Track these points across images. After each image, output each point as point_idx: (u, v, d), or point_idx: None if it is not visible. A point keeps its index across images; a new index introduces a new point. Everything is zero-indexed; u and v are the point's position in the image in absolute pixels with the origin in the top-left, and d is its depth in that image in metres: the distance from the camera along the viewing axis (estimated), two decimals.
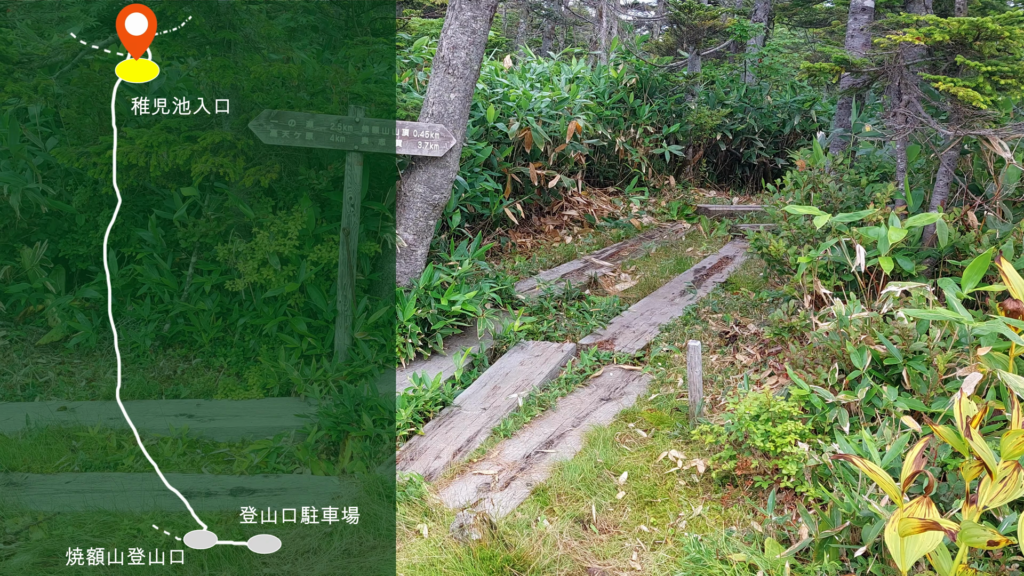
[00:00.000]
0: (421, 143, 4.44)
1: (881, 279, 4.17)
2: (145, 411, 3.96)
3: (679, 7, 9.29)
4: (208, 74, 4.16)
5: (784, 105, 9.83)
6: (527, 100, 7.03)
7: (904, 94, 4.31)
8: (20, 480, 3.27)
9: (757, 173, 10.04)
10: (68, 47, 4.50)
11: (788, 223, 4.72)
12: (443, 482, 3.41)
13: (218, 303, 4.60)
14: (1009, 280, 2.64)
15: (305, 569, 2.82)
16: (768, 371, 4.21)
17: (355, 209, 4.33)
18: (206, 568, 2.76)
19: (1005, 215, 4.24)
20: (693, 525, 3.08)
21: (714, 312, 5.41)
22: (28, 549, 2.78)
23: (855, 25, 5.57)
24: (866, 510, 2.58)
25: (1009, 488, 2.07)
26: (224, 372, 4.49)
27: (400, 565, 2.79)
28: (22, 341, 4.65)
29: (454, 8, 4.48)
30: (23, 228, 4.86)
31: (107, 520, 2.96)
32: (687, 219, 8.68)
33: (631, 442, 3.75)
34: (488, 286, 5.04)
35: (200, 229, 4.52)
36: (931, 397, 3.19)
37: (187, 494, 3.23)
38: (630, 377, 4.53)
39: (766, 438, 3.19)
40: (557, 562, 2.79)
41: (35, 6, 7.20)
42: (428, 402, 4.03)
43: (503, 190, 6.82)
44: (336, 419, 3.82)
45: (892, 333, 3.42)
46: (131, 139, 4.17)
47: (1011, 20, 3.79)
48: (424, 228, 4.74)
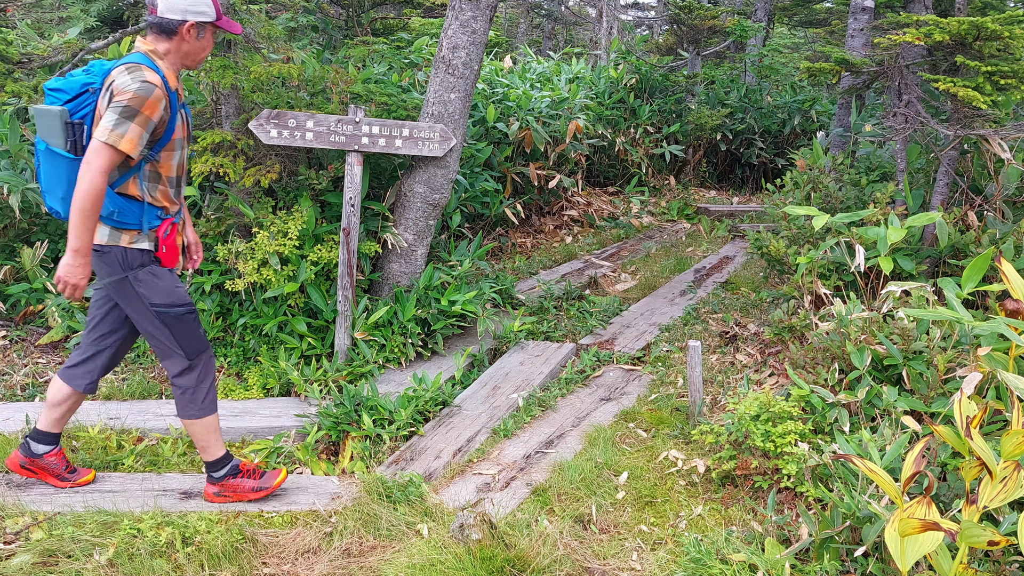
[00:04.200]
0: (421, 143, 4.44)
1: (881, 279, 4.17)
2: (145, 411, 3.96)
3: (679, 7, 9.29)
4: (208, 74, 4.16)
5: (784, 105, 9.83)
6: (527, 100, 7.03)
7: (904, 94, 4.31)
8: (20, 480, 3.27)
9: (757, 173, 10.04)
10: (68, 47, 4.50)
11: (788, 223, 4.73)
12: (443, 482, 3.41)
13: (218, 303, 4.60)
14: (1009, 280, 2.65)
15: (305, 569, 2.82)
16: (768, 371, 4.21)
17: (355, 209, 4.33)
18: (206, 568, 2.77)
19: (1005, 215, 4.24)
20: (693, 525, 3.08)
21: (714, 312, 5.41)
22: (28, 549, 2.78)
23: (855, 25, 5.57)
24: (866, 510, 2.58)
25: (1009, 488, 2.07)
26: (224, 372, 4.49)
27: (400, 565, 2.79)
28: (22, 341, 4.65)
29: (454, 8, 4.48)
30: (23, 228, 4.87)
31: (107, 520, 2.96)
32: (687, 219, 8.68)
33: (631, 442, 3.75)
34: (488, 286, 5.04)
35: (200, 229, 4.52)
36: (931, 397, 3.19)
37: (187, 494, 3.23)
38: (630, 377, 4.53)
39: (766, 438, 3.19)
40: (557, 562, 2.79)
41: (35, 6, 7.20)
42: (428, 402, 4.03)
43: (503, 190, 6.82)
44: (336, 419, 3.82)
45: (892, 333, 3.42)
46: None
47: (1011, 20, 3.79)
48: (424, 228, 4.74)
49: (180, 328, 2.98)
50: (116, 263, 2.87)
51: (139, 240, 2.90)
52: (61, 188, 2.82)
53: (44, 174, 2.85)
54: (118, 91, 2.67)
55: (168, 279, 2.97)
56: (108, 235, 2.86)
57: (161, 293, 2.94)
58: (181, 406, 3.07)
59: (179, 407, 3.07)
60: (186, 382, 3.04)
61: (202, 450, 3.14)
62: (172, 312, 2.96)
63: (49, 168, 2.82)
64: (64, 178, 2.80)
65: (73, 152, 2.77)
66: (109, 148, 2.65)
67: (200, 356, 3.05)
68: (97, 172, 2.65)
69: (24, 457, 3.17)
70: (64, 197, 2.82)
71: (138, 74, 2.71)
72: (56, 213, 2.90)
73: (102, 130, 2.65)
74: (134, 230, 2.89)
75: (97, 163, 2.65)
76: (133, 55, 2.81)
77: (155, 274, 2.93)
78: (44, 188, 2.87)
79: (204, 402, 3.07)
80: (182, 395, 3.05)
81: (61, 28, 6.69)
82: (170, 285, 2.97)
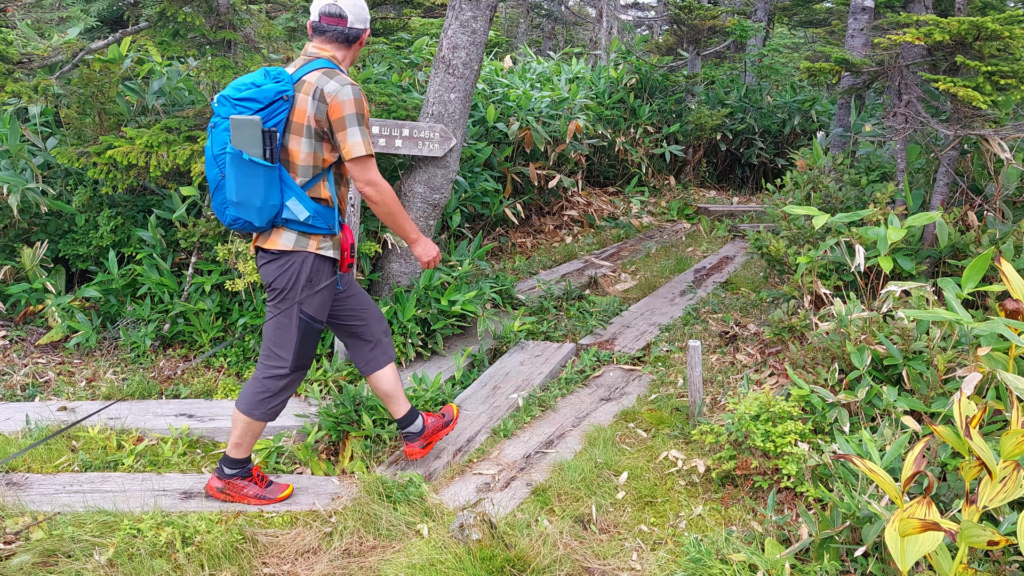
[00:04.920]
0: (421, 143, 4.44)
1: (881, 279, 4.17)
2: (145, 411, 3.96)
3: (679, 7, 9.29)
4: (208, 74, 4.16)
5: (784, 105, 9.83)
6: (527, 100, 7.03)
7: (904, 94, 4.31)
8: (20, 480, 3.27)
9: (757, 173, 10.04)
10: (68, 47, 4.50)
11: (788, 223, 4.73)
12: (443, 482, 3.41)
13: (218, 303, 4.60)
14: (1009, 280, 2.64)
15: (305, 569, 2.82)
16: (768, 371, 4.21)
17: (355, 209, 4.33)
18: (206, 568, 2.77)
19: (1005, 215, 4.24)
20: (693, 525, 3.08)
21: (714, 312, 5.41)
22: (28, 549, 2.78)
23: (855, 25, 5.57)
24: (866, 510, 2.58)
25: (1009, 488, 2.07)
26: (224, 372, 4.49)
27: (400, 565, 2.79)
28: (22, 341, 4.65)
29: (454, 8, 4.48)
30: (23, 228, 4.87)
31: (107, 520, 2.96)
32: (687, 219, 8.68)
33: (631, 442, 3.75)
34: (488, 286, 5.04)
35: (200, 229, 4.52)
36: (931, 397, 3.19)
37: (187, 494, 3.23)
38: (630, 377, 4.53)
39: (766, 438, 3.19)
40: (557, 562, 2.79)
41: (35, 6, 7.20)
42: (428, 402, 4.03)
43: (503, 190, 6.82)
44: (336, 419, 3.82)
45: (892, 333, 3.42)
46: (131, 139, 4.18)
47: (1011, 20, 3.79)
48: (424, 228, 4.74)
49: (306, 341, 3.03)
50: (294, 269, 2.91)
51: (325, 246, 2.96)
52: (258, 198, 2.81)
53: (237, 186, 2.81)
54: (337, 100, 2.80)
55: (327, 295, 3.03)
56: (295, 240, 2.90)
57: (317, 306, 3.00)
58: (250, 402, 3.06)
59: (247, 401, 3.06)
60: (272, 386, 3.05)
61: (234, 446, 3.13)
62: (313, 325, 3.01)
63: (245, 179, 2.79)
64: (262, 188, 2.79)
65: (270, 160, 2.78)
66: (370, 157, 2.85)
67: (299, 371, 3.07)
68: (380, 179, 2.89)
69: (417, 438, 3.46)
70: (261, 207, 2.82)
71: (343, 78, 2.84)
72: (246, 225, 2.88)
73: (357, 145, 2.81)
74: (321, 234, 2.94)
75: (375, 174, 2.87)
76: (319, 60, 2.89)
77: (326, 287, 3.00)
78: (236, 200, 2.83)
79: (270, 410, 3.08)
80: (259, 394, 3.05)
81: (61, 28, 6.70)
82: (327, 300, 3.05)
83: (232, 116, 2.75)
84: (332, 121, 2.82)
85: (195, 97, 5.14)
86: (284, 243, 2.89)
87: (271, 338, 3.02)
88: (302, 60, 2.93)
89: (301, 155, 2.85)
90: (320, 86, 2.80)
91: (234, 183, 2.81)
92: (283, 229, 2.89)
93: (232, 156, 2.78)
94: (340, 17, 2.92)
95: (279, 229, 2.90)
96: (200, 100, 5.03)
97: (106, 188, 4.30)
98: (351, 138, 2.80)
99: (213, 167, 2.88)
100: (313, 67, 2.86)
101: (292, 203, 2.85)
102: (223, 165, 2.85)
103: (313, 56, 2.91)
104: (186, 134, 4.30)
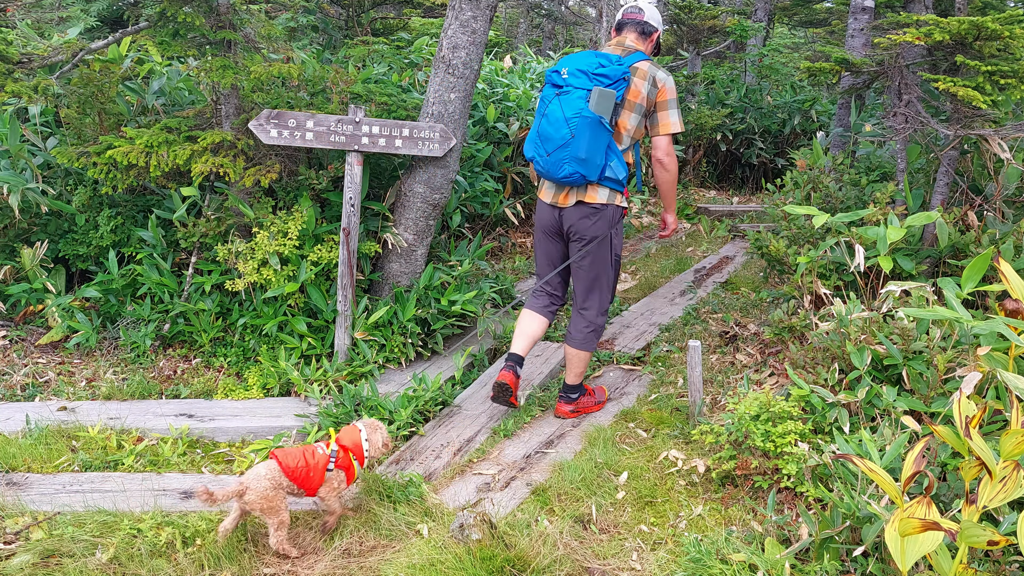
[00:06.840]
0: (421, 143, 4.44)
1: (881, 279, 4.17)
2: (145, 411, 3.96)
3: (679, 7, 9.29)
4: (208, 74, 4.16)
5: (784, 105, 9.82)
6: (527, 100, 7.03)
7: (904, 94, 4.31)
8: (20, 480, 3.27)
9: (757, 173, 10.03)
10: (68, 47, 4.50)
11: (788, 223, 4.72)
12: (443, 482, 3.41)
13: (218, 303, 4.60)
14: (1008, 280, 2.64)
15: (305, 569, 2.82)
16: (768, 371, 4.21)
17: (355, 209, 4.33)
18: (206, 568, 2.77)
19: (1005, 215, 4.24)
20: (693, 525, 3.08)
21: (714, 312, 5.41)
22: (28, 549, 2.78)
23: (855, 25, 5.57)
24: (866, 510, 2.58)
25: (1009, 488, 2.07)
26: (224, 372, 4.49)
27: (400, 565, 2.79)
28: (22, 341, 4.65)
29: (454, 8, 4.47)
30: (23, 228, 4.86)
31: (107, 520, 2.96)
32: (687, 219, 8.67)
33: (631, 442, 3.75)
34: (488, 286, 5.04)
35: (200, 229, 4.52)
36: (931, 397, 3.19)
37: (187, 494, 3.23)
38: (630, 377, 4.53)
39: (766, 438, 3.19)
40: (557, 562, 2.79)
41: (35, 6, 7.20)
42: (428, 402, 4.03)
43: (503, 190, 6.82)
44: (336, 419, 3.82)
45: (892, 333, 3.42)
46: (131, 139, 4.17)
47: (1011, 20, 3.79)
48: (424, 228, 4.74)
49: (616, 276, 3.79)
50: (607, 219, 3.61)
51: (622, 200, 3.66)
52: (600, 156, 3.45)
53: (588, 145, 3.40)
54: (664, 85, 3.56)
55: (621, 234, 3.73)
56: (607, 196, 3.59)
57: (621, 244, 3.72)
58: (581, 339, 3.77)
59: (577, 339, 3.78)
60: (599, 321, 3.78)
61: (575, 375, 3.86)
62: (619, 259, 3.75)
63: (595, 140, 3.41)
64: (604, 146, 3.45)
65: (611, 126, 3.48)
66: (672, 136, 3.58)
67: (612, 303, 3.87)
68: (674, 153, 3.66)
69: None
70: (600, 165, 3.46)
71: (664, 69, 3.59)
72: (580, 179, 3.48)
73: (676, 124, 3.58)
74: (620, 191, 3.63)
75: (672, 147, 3.62)
76: (638, 53, 3.59)
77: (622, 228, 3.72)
78: (584, 156, 3.41)
79: (597, 340, 3.81)
80: (588, 329, 3.76)
81: (61, 28, 6.69)
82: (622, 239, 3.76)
83: (596, 87, 3.37)
84: (658, 102, 3.56)
85: (195, 97, 5.14)
86: (601, 198, 3.57)
87: (591, 282, 3.71)
88: (621, 50, 3.59)
89: (629, 127, 3.58)
90: (653, 72, 3.54)
91: (586, 143, 3.39)
92: (599, 186, 3.56)
93: (590, 121, 3.37)
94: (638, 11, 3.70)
95: (595, 186, 3.56)
96: (200, 100, 5.03)
97: (106, 188, 4.30)
98: (672, 116, 3.57)
99: (563, 128, 3.41)
100: (640, 58, 3.55)
101: (614, 164, 3.52)
102: (575, 127, 3.39)
103: (632, 49, 3.59)
104: (186, 134, 4.30)
